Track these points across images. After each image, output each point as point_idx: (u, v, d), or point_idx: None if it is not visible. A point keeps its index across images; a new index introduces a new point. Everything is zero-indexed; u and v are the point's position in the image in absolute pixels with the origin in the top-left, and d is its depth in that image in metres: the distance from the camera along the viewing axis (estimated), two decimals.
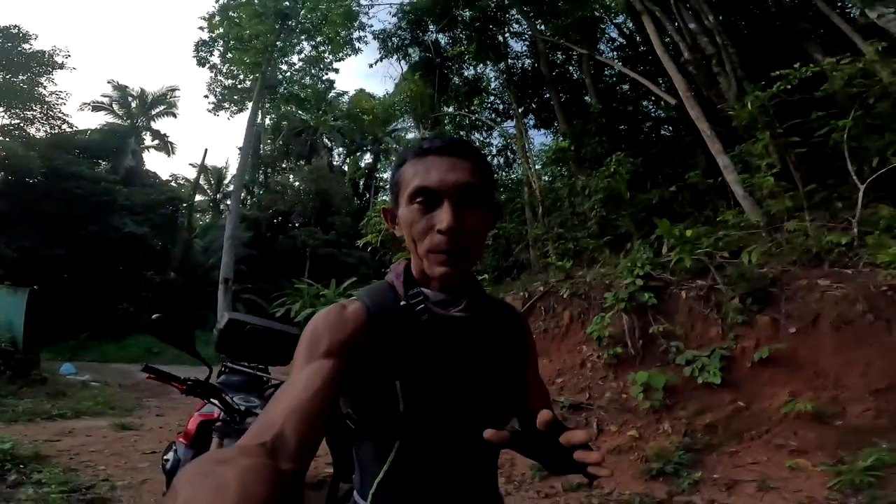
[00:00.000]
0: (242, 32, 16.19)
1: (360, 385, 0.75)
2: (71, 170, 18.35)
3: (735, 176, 5.67)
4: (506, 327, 0.89)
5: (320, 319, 0.75)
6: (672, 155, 8.09)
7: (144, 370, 1.85)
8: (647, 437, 3.83)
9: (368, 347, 0.74)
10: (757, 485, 3.06)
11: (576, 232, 7.92)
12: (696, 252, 5.05)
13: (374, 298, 0.80)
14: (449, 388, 0.76)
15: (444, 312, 0.79)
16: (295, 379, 0.67)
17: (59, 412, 6.33)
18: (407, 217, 0.78)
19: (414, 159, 0.79)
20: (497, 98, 11.76)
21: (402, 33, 11.14)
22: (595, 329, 4.96)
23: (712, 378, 3.94)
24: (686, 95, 6.13)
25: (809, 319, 3.91)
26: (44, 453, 4.05)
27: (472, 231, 0.76)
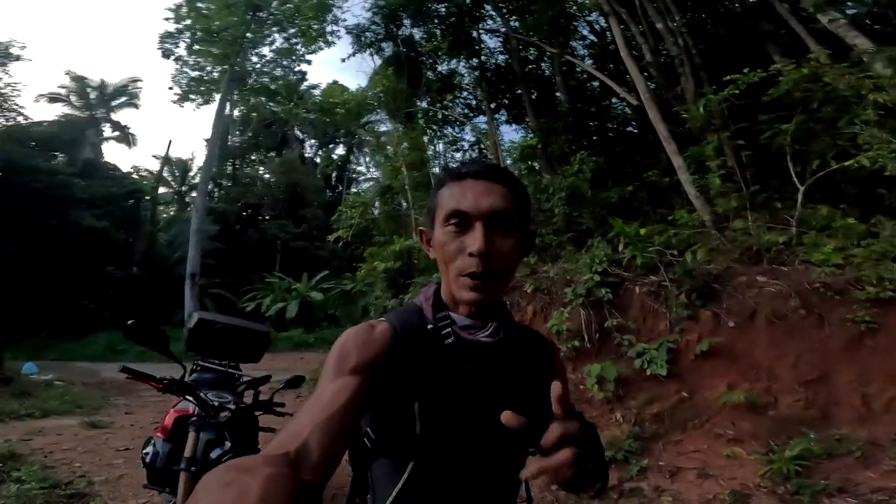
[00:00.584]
0: (211, 24, 15.73)
1: (380, 404, 0.76)
2: (27, 163, 17.58)
3: (688, 176, 5.96)
4: (533, 355, 0.89)
5: (350, 336, 0.77)
6: (634, 153, 8.39)
7: (122, 370, 1.94)
8: (602, 426, 4.06)
9: (391, 368, 0.75)
10: (697, 472, 3.30)
11: (541, 228, 8.15)
12: (649, 250, 5.31)
13: (402, 320, 0.81)
14: (468, 413, 0.76)
15: (471, 337, 0.80)
16: (322, 392, 0.69)
17: (27, 412, 6.27)
18: (440, 239, 0.79)
19: (451, 183, 0.82)
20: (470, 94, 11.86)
21: (376, 28, 11.09)
22: (555, 323, 5.17)
23: (659, 370, 4.19)
24: (646, 97, 6.38)
25: (747, 314, 4.20)
26: (18, 452, 4.08)
27: (502, 256, 0.77)
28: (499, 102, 11.12)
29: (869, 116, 4.40)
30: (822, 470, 3.10)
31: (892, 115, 4.45)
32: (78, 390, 8.23)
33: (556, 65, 9.55)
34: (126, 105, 25.71)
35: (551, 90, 10.58)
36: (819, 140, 5.06)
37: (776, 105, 5.29)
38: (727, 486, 3.08)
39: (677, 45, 6.57)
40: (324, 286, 19.95)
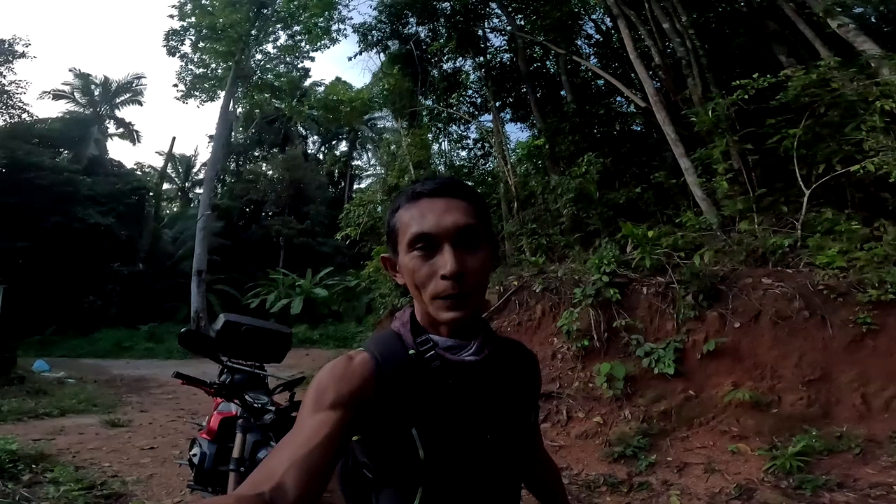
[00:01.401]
0: (215, 21, 15.75)
1: (373, 435, 0.75)
2: (32, 160, 17.65)
3: (695, 178, 6.05)
4: (518, 367, 0.90)
5: (326, 372, 0.75)
6: (640, 154, 8.47)
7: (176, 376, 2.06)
8: (611, 423, 4.20)
9: (378, 398, 0.74)
10: (704, 467, 3.43)
11: (549, 228, 8.22)
12: (657, 251, 5.43)
13: (382, 348, 0.80)
14: (467, 433, 0.76)
15: (456, 358, 0.79)
16: (298, 430, 0.67)
17: (45, 411, 6.31)
18: (408, 265, 0.77)
19: (407, 204, 0.79)
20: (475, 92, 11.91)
21: (382, 26, 11.13)
22: (565, 323, 5.29)
23: (667, 369, 4.33)
24: (654, 99, 6.46)
25: (752, 315, 4.33)
26: (46, 452, 4.12)
27: (475, 272, 0.75)
28: (504, 101, 11.18)
29: (875, 122, 4.49)
30: (823, 466, 3.21)
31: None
32: (91, 388, 8.30)
33: (561, 64, 9.61)
34: (130, 102, 25.78)
35: (557, 89, 10.64)
36: (825, 145, 5.14)
37: (783, 109, 5.36)
38: (733, 481, 3.21)
39: (684, 45, 6.64)
40: (328, 282, 20.08)
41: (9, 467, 3.55)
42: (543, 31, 9.59)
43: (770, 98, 5.42)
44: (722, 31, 7.59)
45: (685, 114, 6.29)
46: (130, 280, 19.71)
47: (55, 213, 17.47)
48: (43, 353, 12.56)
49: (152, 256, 21.95)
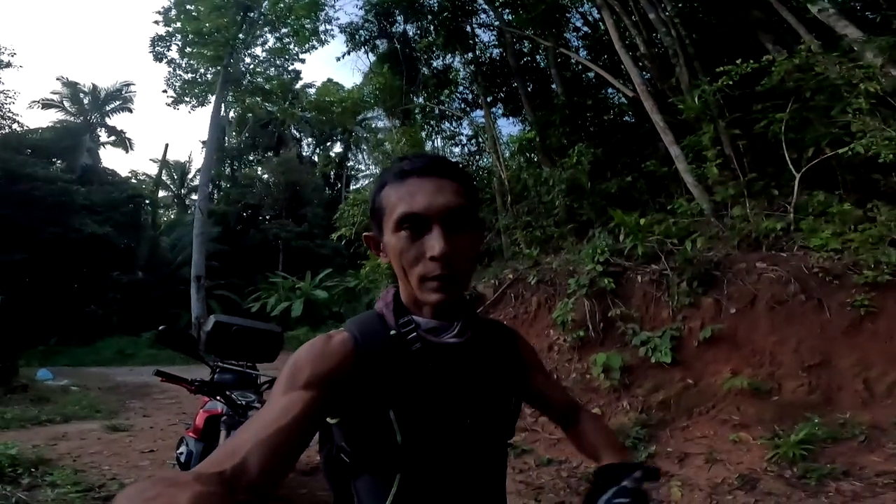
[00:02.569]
0: (201, 26, 15.67)
1: (351, 417, 0.74)
2: (25, 171, 17.58)
3: (685, 165, 6.04)
4: (501, 348, 0.88)
5: (303, 351, 0.74)
6: (631, 144, 8.45)
7: (156, 374, 2.06)
8: (609, 414, 4.20)
9: (356, 378, 0.72)
10: (705, 457, 3.40)
11: (543, 220, 8.22)
12: (649, 239, 5.42)
13: (363, 328, 0.78)
14: (447, 416, 0.75)
15: (437, 340, 0.78)
16: (267, 409, 0.66)
17: (48, 417, 6.32)
18: (395, 245, 0.75)
19: (395, 182, 0.76)
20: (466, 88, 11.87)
21: (370, 26, 11.09)
22: (560, 314, 5.28)
23: (664, 357, 4.32)
24: (641, 89, 6.44)
25: (748, 300, 4.31)
26: (46, 457, 4.13)
27: (463, 254, 0.74)
28: (495, 96, 11.14)
29: (861, 105, 4.47)
30: (827, 454, 3.16)
31: (884, 103, 4.53)
32: (94, 395, 8.31)
33: (550, 57, 9.57)
34: (120, 109, 25.69)
35: (547, 83, 10.60)
36: (813, 128, 5.14)
37: (770, 94, 5.36)
38: (735, 471, 3.17)
39: (670, 35, 6.61)
40: (327, 284, 20.08)
41: (9, 472, 3.56)
42: (531, 24, 9.54)
43: (756, 84, 5.40)
44: (708, 20, 7.56)
45: (672, 102, 6.27)
46: (130, 288, 19.72)
47: (52, 223, 17.44)
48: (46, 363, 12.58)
49: (151, 264, 21.94)
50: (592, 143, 8.05)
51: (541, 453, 3.88)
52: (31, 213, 16.99)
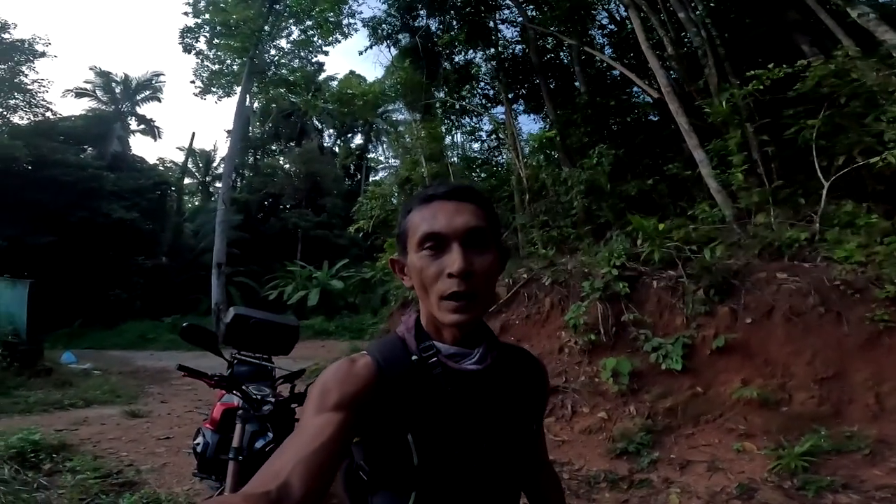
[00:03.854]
0: (229, 18, 15.91)
1: (371, 438, 0.76)
2: (57, 157, 18.22)
3: (709, 170, 5.91)
4: (523, 377, 0.90)
5: (330, 373, 0.76)
6: (654, 145, 8.30)
7: (179, 368, 2.14)
8: (615, 418, 4.17)
9: (378, 402, 0.75)
10: (707, 465, 3.38)
11: (560, 220, 8.16)
12: (667, 245, 5.35)
13: (385, 353, 0.80)
14: (464, 441, 0.76)
15: (458, 366, 0.79)
16: (302, 430, 0.69)
17: (70, 402, 6.50)
18: (416, 264, 0.77)
19: (419, 207, 0.80)
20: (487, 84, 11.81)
21: (392, 20, 11.10)
22: (572, 316, 5.26)
23: (674, 364, 4.27)
24: (667, 90, 6.31)
25: (765, 311, 4.22)
26: (68, 442, 4.27)
27: (482, 273, 0.76)
28: (516, 93, 11.06)
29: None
30: (829, 466, 3.13)
31: None
32: (115, 379, 8.53)
33: (574, 55, 9.44)
34: (150, 99, 26.38)
35: (570, 80, 10.47)
36: (845, 136, 4.97)
37: (802, 99, 5.20)
38: (735, 480, 3.15)
39: (700, 35, 6.46)
40: (344, 274, 20.31)
41: (31, 457, 3.69)
42: (555, 21, 9.42)
43: (788, 88, 5.25)
44: (740, 20, 7.34)
45: (699, 104, 6.14)
46: (154, 273, 20.30)
47: (81, 208, 18.08)
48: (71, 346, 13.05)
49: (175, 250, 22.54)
50: (614, 143, 7.94)
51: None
52: (61, 197, 17.62)
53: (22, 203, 17.14)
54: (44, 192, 17.40)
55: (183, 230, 23.87)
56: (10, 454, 3.64)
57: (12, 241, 16.29)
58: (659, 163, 7.57)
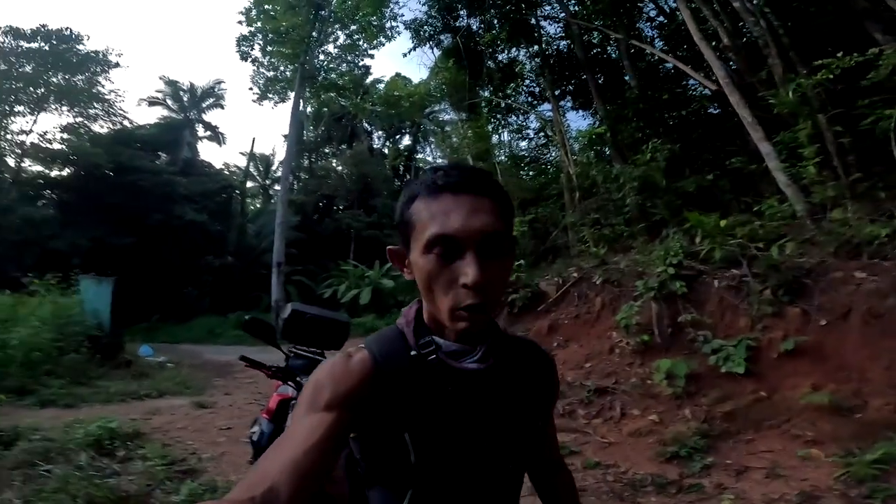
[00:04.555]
0: (279, 25, 16.65)
1: (367, 435, 0.74)
2: (134, 163, 19.87)
3: (777, 163, 5.55)
4: (530, 373, 0.84)
5: (324, 370, 0.73)
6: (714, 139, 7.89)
7: (241, 359, 2.32)
8: (667, 421, 4.04)
9: (374, 398, 0.71)
10: (766, 472, 3.21)
11: (612, 218, 7.96)
12: (730, 242, 5.08)
13: (383, 347, 0.76)
14: (462, 440, 0.74)
15: (458, 365, 0.75)
16: (292, 431, 0.66)
17: (145, 392, 6.92)
18: (423, 267, 0.70)
19: (427, 197, 0.71)
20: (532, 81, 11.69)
21: (433, 21, 11.23)
22: (624, 316, 5.13)
23: (736, 367, 4.08)
24: (725, 82, 6.00)
25: (840, 312, 3.95)
26: (142, 431, 4.54)
27: (496, 281, 0.70)
28: (563, 89, 10.87)
29: None
30: None
31: None
32: (185, 372, 9.00)
33: (622, 48, 9.14)
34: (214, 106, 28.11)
35: (619, 75, 10.14)
36: None
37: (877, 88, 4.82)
38: (796, 488, 2.98)
39: (759, 25, 6.08)
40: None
41: (107, 444, 3.99)
42: (599, 15, 9.16)
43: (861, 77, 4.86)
44: (803, 9, 6.82)
45: (762, 96, 5.78)
46: (221, 272, 21.66)
47: (157, 211, 19.63)
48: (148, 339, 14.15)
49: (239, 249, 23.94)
50: (669, 138, 7.63)
51: (589, 455, 3.84)
52: (139, 201, 19.23)
53: (105, 207, 18.85)
54: (124, 197, 19.04)
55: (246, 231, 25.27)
56: (89, 441, 3.93)
57: (97, 242, 17.97)
58: (720, 157, 7.18)
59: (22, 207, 18.35)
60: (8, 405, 5.43)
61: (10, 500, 2.92)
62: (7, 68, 19.52)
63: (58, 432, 4.21)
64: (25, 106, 20.13)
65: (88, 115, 21.47)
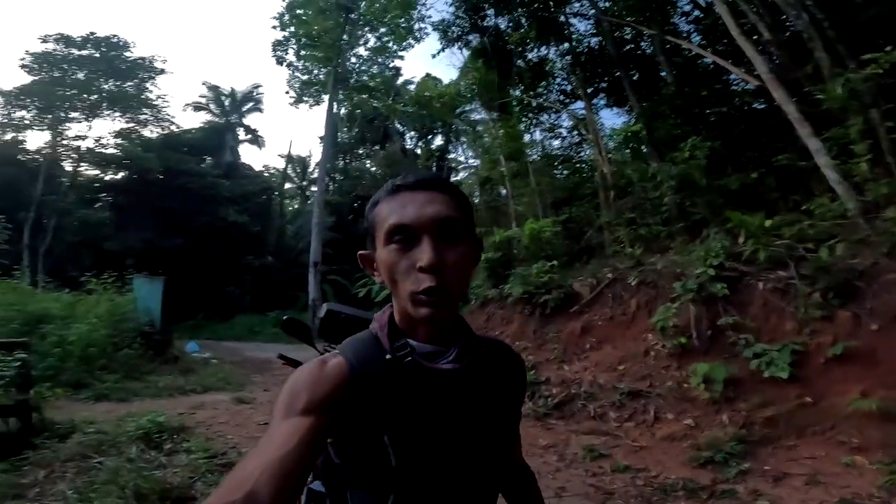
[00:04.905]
0: (311, 29, 17.01)
1: (346, 439, 0.75)
2: (182, 167, 20.88)
3: (827, 160, 5.28)
4: (501, 372, 0.86)
5: (299, 376, 0.74)
6: (759, 136, 7.54)
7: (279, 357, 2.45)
8: (703, 426, 3.95)
9: (351, 403, 0.72)
10: (806, 479, 3.11)
11: (648, 218, 7.77)
12: (776, 243, 4.89)
13: (358, 352, 0.77)
14: (442, 441, 0.74)
15: (433, 365, 0.76)
16: (270, 436, 0.66)
17: (191, 387, 7.26)
18: (385, 259, 0.74)
19: (387, 198, 0.76)
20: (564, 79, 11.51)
21: (461, 22, 11.23)
22: (660, 318, 5.02)
23: (779, 372, 3.94)
24: (768, 77, 5.75)
25: (894, 316, 3.76)
26: (186, 425, 4.73)
27: (455, 267, 0.72)
28: (596, 87, 10.65)
29: None
30: None
31: None
32: (228, 368, 9.36)
33: (657, 44, 8.87)
34: (253, 110, 28.98)
35: (655, 71, 9.84)
36: None
37: None
38: (836, 495, 2.89)
39: (802, 18, 5.80)
40: None
41: (156, 437, 4.20)
42: (631, 11, 8.92)
43: None
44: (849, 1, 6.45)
45: (808, 91, 5.51)
46: (261, 271, 22.48)
47: (203, 213, 20.58)
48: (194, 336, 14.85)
49: (278, 250, 24.76)
50: (710, 135, 7.36)
51: (619, 459, 3.80)
52: (187, 204, 20.21)
53: (156, 210, 19.95)
54: (173, 200, 20.06)
55: (285, 232, 26.09)
56: (139, 434, 4.16)
57: (148, 243, 19.03)
58: (766, 154, 6.86)
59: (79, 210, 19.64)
60: (65, 399, 5.69)
61: (64, 492, 3.07)
62: (60, 75, 20.30)
63: (111, 425, 4.44)
64: (80, 112, 20.95)
65: (139, 121, 22.30)
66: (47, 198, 18.84)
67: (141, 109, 22.02)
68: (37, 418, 4.36)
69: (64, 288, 10.31)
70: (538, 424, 4.75)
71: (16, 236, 15.15)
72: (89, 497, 2.95)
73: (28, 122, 20.23)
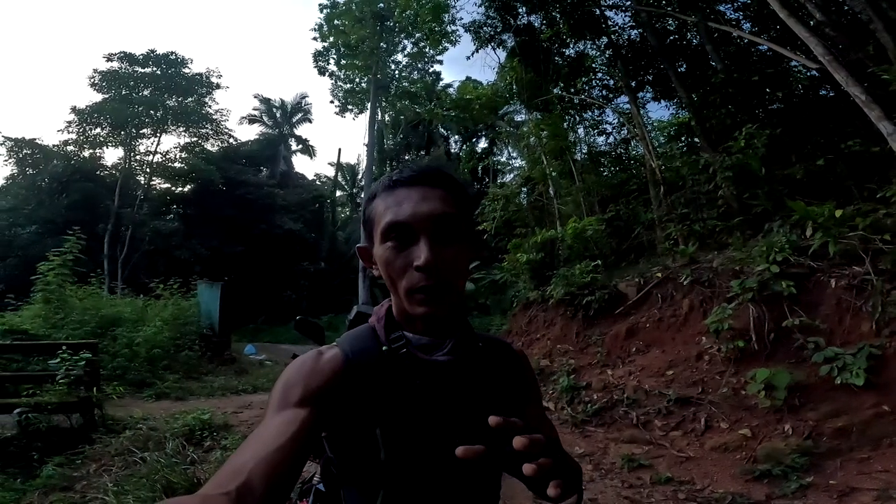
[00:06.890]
0: (349, 39, 17.44)
1: (339, 432, 0.75)
2: (241, 178, 22.24)
3: None
4: (499, 367, 0.85)
5: (294, 368, 0.74)
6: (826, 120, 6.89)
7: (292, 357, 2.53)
8: (761, 437, 3.63)
9: (345, 395, 0.72)
10: (877, 493, 2.79)
11: (703, 212, 7.31)
12: (848, 235, 4.42)
13: (354, 345, 0.78)
14: (433, 435, 0.72)
15: (428, 357, 0.76)
16: (265, 427, 0.66)
17: (243, 388, 7.63)
18: (382, 256, 0.74)
19: (383, 193, 0.76)
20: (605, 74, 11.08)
21: (493, 21, 11.06)
22: (715, 320, 4.68)
23: (854, 379, 3.55)
24: (828, 59, 5.24)
25: None
26: (230, 423, 4.86)
27: (451, 265, 0.72)
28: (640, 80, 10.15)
29: None
30: None
31: None
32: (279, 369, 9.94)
33: (702, 31, 8.32)
34: (303, 120, 30.23)
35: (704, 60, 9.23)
36: None
37: None
38: None
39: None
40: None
41: (198, 434, 4.41)
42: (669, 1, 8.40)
43: None
44: None
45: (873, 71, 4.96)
46: (315, 277, 23.41)
47: (261, 221, 21.81)
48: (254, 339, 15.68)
49: (331, 256, 25.67)
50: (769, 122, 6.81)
51: (661, 470, 3.56)
52: (246, 213, 21.43)
53: (219, 218, 21.32)
54: (234, 209, 21.38)
55: (337, 238, 27.00)
56: (184, 431, 4.37)
57: (213, 250, 20.38)
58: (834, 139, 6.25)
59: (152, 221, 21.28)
60: (128, 397, 6.09)
61: (106, 485, 3.25)
62: (128, 93, 21.24)
63: (161, 422, 4.70)
64: (149, 128, 22.25)
65: (200, 135, 23.58)
66: (123, 210, 20.40)
67: (202, 124, 23.21)
68: (98, 415, 4.66)
69: (138, 294, 11.19)
70: (576, 431, 4.59)
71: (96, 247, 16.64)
72: (125, 490, 3.10)
73: (103, 139, 21.39)
